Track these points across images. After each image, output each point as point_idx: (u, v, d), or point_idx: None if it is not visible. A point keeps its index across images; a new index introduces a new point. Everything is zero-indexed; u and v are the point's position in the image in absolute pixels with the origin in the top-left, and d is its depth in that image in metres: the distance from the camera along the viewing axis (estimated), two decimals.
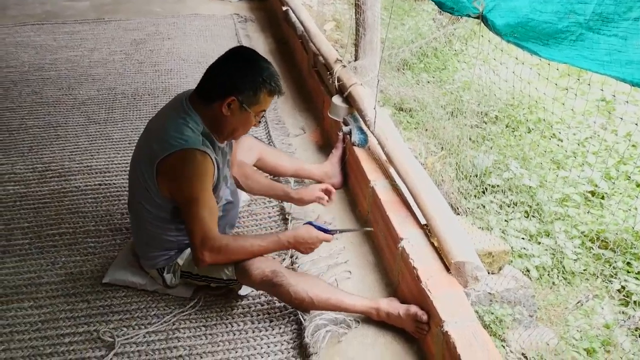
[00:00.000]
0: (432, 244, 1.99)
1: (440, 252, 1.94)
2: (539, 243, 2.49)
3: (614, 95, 2.58)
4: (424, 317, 1.81)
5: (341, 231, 2.10)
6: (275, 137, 3.09)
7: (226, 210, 2.11)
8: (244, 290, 2.04)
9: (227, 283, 1.99)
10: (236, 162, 2.28)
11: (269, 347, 1.88)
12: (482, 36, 1.74)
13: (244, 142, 2.41)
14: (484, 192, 2.71)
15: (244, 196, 2.45)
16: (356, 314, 1.96)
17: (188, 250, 2.03)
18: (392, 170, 2.36)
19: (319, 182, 2.67)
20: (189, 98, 1.90)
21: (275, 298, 2.03)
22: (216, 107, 1.83)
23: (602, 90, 1.61)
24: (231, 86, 1.81)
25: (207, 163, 1.83)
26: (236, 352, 1.87)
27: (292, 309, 2.00)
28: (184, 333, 1.94)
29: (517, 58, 1.88)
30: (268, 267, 1.89)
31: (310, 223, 1.98)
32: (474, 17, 1.59)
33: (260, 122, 1.92)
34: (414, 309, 1.85)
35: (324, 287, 1.95)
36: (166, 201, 1.89)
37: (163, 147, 1.81)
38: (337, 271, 2.19)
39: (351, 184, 2.68)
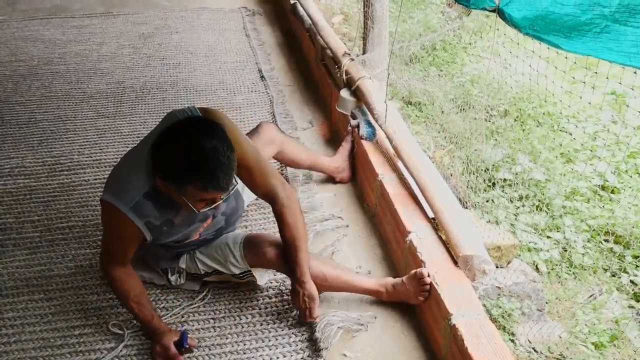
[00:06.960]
0: (440, 238, 1.99)
1: (448, 246, 1.94)
2: (549, 237, 2.47)
3: (633, 89, 2.55)
4: (424, 273, 1.83)
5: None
6: (283, 130, 3.08)
7: (208, 240, 2.00)
8: (261, 279, 2.02)
9: (240, 277, 1.99)
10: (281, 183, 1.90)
11: (277, 339, 1.89)
12: (498, 29, 1.72)
13: (265, 135, 2.32)
14: (492, 186, 2.69)
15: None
16: (367, 313, 1.97)
17: (186, 255, 2.02)
18: (400, 164, 2.35)
19: (330, 176, 2.68)
20: None
21: (284, 290, 2.04)
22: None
23: (620, 83, 1.59)
24: (157, 166, 1.58)
25: (126, 229, 1.67)
26: (244, 344, 1.88)
27: None
28: (193, 325, 1.95)
29: (533, 51, 1.86)
30: (280, 247, 1.90)
31: (182, 334, 1.81)
32: (490, 10, 1.58)
33: (210, 208, 1.64)
34: (416, 270, 1.87)
35: (335, 265, 2.00)
36: None
37: (106, 185, 1.75)
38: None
39: (359, 177, 2.68)
